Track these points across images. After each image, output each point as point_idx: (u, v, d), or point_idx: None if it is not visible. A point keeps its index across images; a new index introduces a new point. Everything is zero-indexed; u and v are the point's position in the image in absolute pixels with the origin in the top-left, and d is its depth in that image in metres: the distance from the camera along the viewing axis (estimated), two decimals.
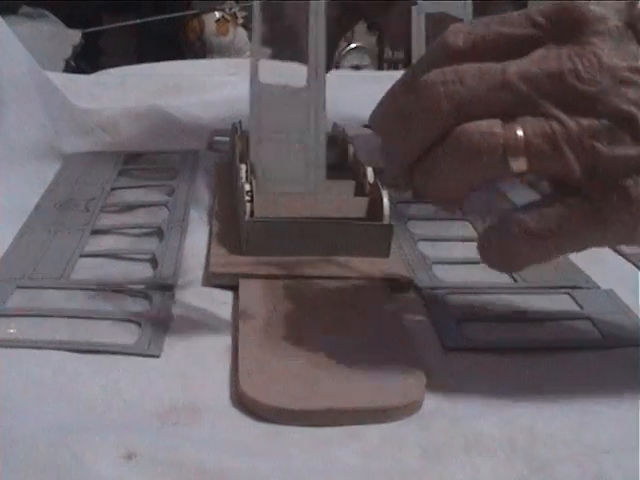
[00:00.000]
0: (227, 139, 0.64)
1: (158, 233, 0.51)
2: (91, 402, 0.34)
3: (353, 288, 0.44)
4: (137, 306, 0.42)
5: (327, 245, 0.46)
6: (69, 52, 1.35)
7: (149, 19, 1.38)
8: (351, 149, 0.56)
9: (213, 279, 0.45)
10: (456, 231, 0.54)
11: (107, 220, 0.53)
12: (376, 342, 0.39)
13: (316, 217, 0.47)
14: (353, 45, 1.43)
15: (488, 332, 0.41)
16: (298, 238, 0.46)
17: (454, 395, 0.36)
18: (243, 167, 0.50)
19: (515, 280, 0.47)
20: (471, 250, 0.51)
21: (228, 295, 0.44)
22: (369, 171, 0.50)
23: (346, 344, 0.39)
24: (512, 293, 0.46)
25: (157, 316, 0.41)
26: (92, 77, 0.89)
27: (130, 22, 1.38)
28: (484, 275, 0.48)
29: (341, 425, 0.33)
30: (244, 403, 0.35)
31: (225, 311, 0.42)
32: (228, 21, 1.51)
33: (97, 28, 1.38)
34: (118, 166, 0.63)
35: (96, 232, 0.51)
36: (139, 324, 0.40)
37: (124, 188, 0.59)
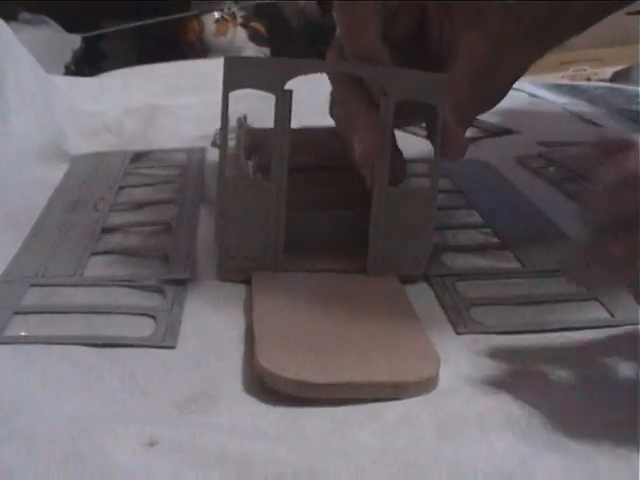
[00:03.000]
0: (233, 135, 0.64)
1: (168, 230, 0.51)
2: (109, 394, 0.35)
3: (365, 280, 0.45)
4: (151, 300, 0.43)
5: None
6: (69, 57, 1.35)
7: (148, 21, 1.38)
8: None
9: (225, 273, 0.46)
10: (462, 219, 0.54)
11: (117, 219, 0.53)
12: (390, 328, 0.39)
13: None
14: None
15: (498, 316, 0.42)
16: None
17: (468, 375, 0.36)
18: (250, 163, 0.50)
19: (523, 265, 0.47)
20: (477, 236, 0.52)
21: (241, 288, 0.44)
22: None
23: (360, 329, 0.39)
24: (520, 277, 0.46)
25: (171, 309, 0.41)
26: (95, 80, 0.89)
27: (129, 25, 1.38)
28: (491, 261, 0.48)
29: (359, 398, 0.34)
30: (263, 377, 0.35)
31: (238, 303, 0.43)
32: (227, 21, 1.52)
33: (97, 32, 1.39)
34: (125, 165, 0.63)
35: (106, 230, 0.51)
36: (154, 317, 0.41)
37: (132, 187, 0.59)
